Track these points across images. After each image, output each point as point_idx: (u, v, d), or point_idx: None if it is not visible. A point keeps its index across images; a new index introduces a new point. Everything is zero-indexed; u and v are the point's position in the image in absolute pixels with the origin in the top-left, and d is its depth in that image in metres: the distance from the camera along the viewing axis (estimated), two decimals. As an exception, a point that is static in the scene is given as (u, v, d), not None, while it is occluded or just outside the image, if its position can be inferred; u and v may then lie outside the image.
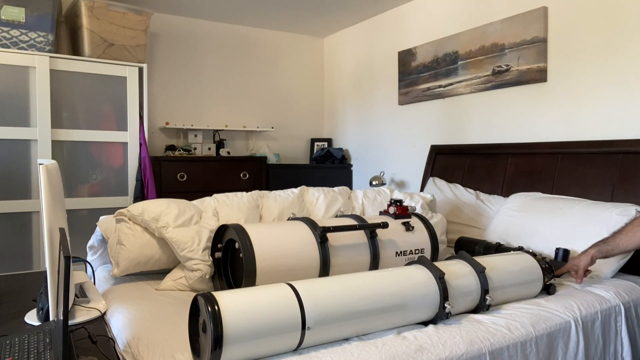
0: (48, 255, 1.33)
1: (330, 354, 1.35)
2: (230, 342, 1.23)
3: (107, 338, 1.44)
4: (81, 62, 3.34)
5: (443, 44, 3.54)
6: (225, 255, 1.94)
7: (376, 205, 2.55)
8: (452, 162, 3.37)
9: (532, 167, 2.82)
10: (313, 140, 4.90)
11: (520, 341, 1.58)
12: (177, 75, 4.29)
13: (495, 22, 3.13)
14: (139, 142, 3.55)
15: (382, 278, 1.54)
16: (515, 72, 3.00)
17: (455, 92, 3.44)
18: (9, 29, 3.07)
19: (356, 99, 4.57)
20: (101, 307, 1.70)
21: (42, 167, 1.33)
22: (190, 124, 4.25)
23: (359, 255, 1.96)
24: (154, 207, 2.02)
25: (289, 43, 4.85)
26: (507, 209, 2.59)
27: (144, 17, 3.54)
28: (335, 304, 1.40)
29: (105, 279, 2.14)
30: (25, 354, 1.14)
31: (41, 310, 1.51)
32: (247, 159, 4.20)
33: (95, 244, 2.33)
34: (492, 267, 1.76)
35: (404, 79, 3.91)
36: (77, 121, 3.35)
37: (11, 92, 3.11)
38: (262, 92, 4.71)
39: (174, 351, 1.35)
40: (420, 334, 1.48)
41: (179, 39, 4.28)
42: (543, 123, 2.88)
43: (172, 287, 1.97)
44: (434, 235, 2.16)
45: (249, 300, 1.30)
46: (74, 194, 3.35)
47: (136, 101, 3.54)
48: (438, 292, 1.57)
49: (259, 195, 2.38)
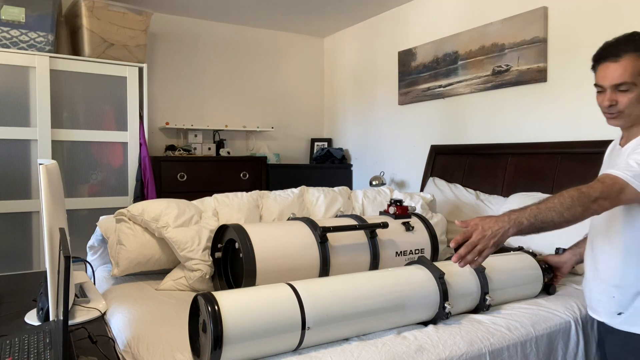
0: (48, 255, 1.33)
1: (330, 354, 1.35)
2: (230, 342, 1.23)
3: (107, 338, 1.44)
4: (81, 62, 3.34)
5: (443, 44, 3.54)
6: (225, 255, 1.94)
7: (376, 205, 2.55)
8: (452, 162, 3.37)
9: (532, 167, 2.82)
10: (313, 140, 4.90)
11: (520, 341, 1.58)
12: (177, 75, 4.29)
13: (495, 22, 3.13)
14: (139, 142, 3.55)
15: (382, 278, 1.54)
16: (515, 72, 3.00)
17: (455, 92, 3.44)
18: (9, 29, 3.07)
19: (356, 99, 4.57)
20: (101, 307, 1.70)
21: (42, 167, 1.33)
22: (190, 124, 4.25)
23: (359, 255, 1.96)
24: (154, 207, 2.02)
25: (289, 43, 4.85)
26: (507, 209, 2.59)
27: (144, 17, 3.54)
28: (335, 304, 1.40)
29: (105, 279, 2.14)
30: (25, 354, 1.14)
31: (41, 310, 1.51)
32: (247, 159, 4.20)
33: (95, 244, 2.33)
34: (492, 267, 1.77)
35: (404, 79, 3.91)
36: (77, 121, 3.35)
37: (11, 92, 3.11)
38: (262, 92, 4.71)
39: (174, 351, 1.35)
40: (420, 334, 1.48)
41: (179, 39, 4.28)
42: (543, 123, 2.88)
43: (172, 287, 1.97)
44: (434, 235, 2.16)
45: (249, 300, 1.30)
46: (74, 194, 3.35)
47: (136, 101, 3.54)
48: (438, 292, 1.57)
49: (259, 195, 2.38)
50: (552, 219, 1.26)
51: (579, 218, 1.27)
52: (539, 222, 1.26)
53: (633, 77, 1.35)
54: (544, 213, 1.26)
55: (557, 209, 1.26)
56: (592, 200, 1.26)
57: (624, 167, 1.30)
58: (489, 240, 1.25)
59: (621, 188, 1.26)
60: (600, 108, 1.45)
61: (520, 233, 1.27)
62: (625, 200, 1.28)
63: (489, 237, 1.25)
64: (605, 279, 1.42)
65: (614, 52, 1.37)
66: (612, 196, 1.26)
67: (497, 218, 1.28)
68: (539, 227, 1.27)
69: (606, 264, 1.42)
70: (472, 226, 1.28)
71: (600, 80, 1.41)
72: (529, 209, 1.29)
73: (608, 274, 1.42)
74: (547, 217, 1.26)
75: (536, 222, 1.26)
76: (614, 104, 1.39)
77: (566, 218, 1.26)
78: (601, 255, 1.45)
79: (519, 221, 1.26)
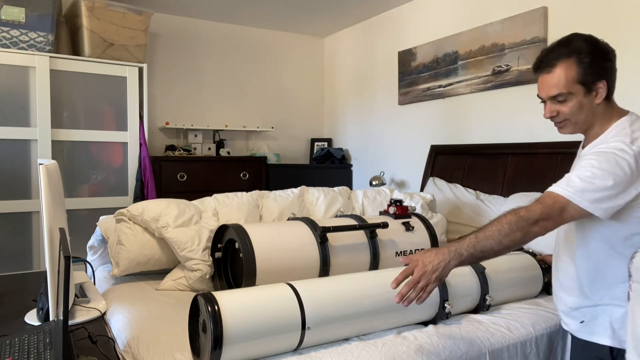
0: (48, 255, 1.33)
1: (330, 354, 1.35)
2: (230, 342, 1.23)
3: (107, 338, 1.44)
4: (81, 62, 3.34)
5: (443, 44, 3.54)
6: (225, 255, 1.94)
7: (376, 205, 2.55)
8: (452, 162, 3.37)
9: (532, 167, 2.82)
10: (313, 140, 4.90)
11: (520, 341, 1.58)
12: (177, 75, 4.29)
13: (495, 22, 3.13)
14: (139, 142, 3.55)
15: (382, 278, 1.54)
16: (515, 72, 3.00)
17: (455, 92, 3.44)
18: (9, 29, 3.07)
19: (356, 99, 4.57)
20: (101, 307, 1.70)
21: (42, 167, 1.33)
22: (190, 124, 4.25)
23: (359, 255, 1.96)
24: (154, 207, 2.02)
25: (289, 43, 4.85)
26: (507, 208, 2.58)
27: (144, 17, 3.53)
28: (335, 304, 1.40)
29: (105, 279, 2.14)
30: (25, 354, 1.14)
31: (41, 310, 1.51)
32: (247, 159, 4.20)
33: (95, 244, 2.33)
34: (492, 267, 1.77)
35: (404, 79, 3.91)
36: (77, 121, 3.35)
37: (11, 92, 3.11)
38: (262, 92, 4.71)
39: (174, 351, 1.35)
40: (420, 334, 1.49)
41: (179, 39, 4.28)
42: (543, 123, 2.88)
43: (172, 287, 1.97)
44: (434, 235, 2.16)
45: (249, 300, 1.30)
46: (74, 194, 3.35)
47: (136, 101, 3.54)
48: (438, 292, 1.57)
49: (259, 195, 2.38)
50: (492, 247, 1.22)
51: (520, 242, 1.23)
52: (478, 251, 1.23)
53: (568, 86, 1.30)
54: (482, 242, 1.23)
55: (495, 237, 1.22)
56: (532, 223, 1.21)
57: (566, 182, 1.25)
58: (430, 275, 1.22)
59: (562, 207, 1.22)
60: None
61: (462, 264, 1.25)
62: (569, 218, 1.24)
63: (430, 272, 1.22)
64: (567, 289, 1.40)
65: (547, 63, 1.33)
66: (554, 216, 1.22)
67: (437, 251, 1.25)
68: (479, 256, 1.25)
69: (567, 274, 1.40)
70: (413, 262, 1.25)
71: (539, 92, 1.38)
72: (468, 238, 1.26)
73: (568, 284, 1.39)
74: (486, 245, 1.22)
75: (476, 252, 1.23)
76: (555, 115, 1.36)
77: (506, 245, 1.22)
78: (562, 266, 1.42)
79: (459, 252, 1.23)
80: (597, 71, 1.30)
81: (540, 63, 1.36)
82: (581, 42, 1.31)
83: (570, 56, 1.30)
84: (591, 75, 1.30)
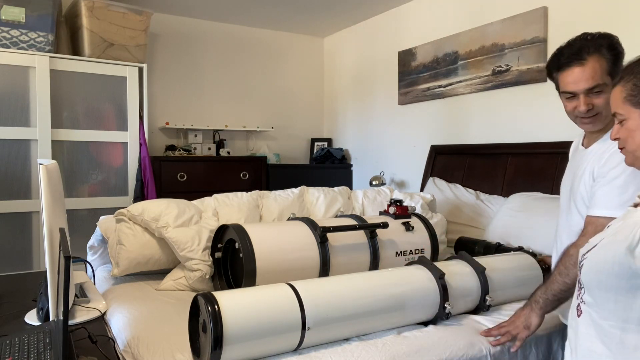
0: (48, 255, 1.33)
1: (330, 354, 1.35)
2: (230, 342, 1.23)
3: (107, 338, 1.44)
4: (81, 62, 3.34)
5: (443, 44, 3.54)
6: (225, 255, 1.94)
7: (376, 205, 2.55)
8: (452, 162, 3.37)
9: (532, 167, 2.82)
10: (313, 140, 4.89)
11: (520, 341, 1.57)
12: (177, 75, 4.29)
13: (495, 22, 3.13)
14: (139, 142, 3.55)
15: (382, 278, 1.54)
16: (515, 72, 3.00)
17: (455, 92, 3.44)
18: (9, 29, 3.07)
19: (356, 98, 4.57)
20: (101, 307, 1.70)
21: (42, 167, 1.33)
22: (190, 124, 4.25)
23: (359, 255, 1.96)
24: (154, 207, 2.02)
25: (289, 43, 4.85)
26: (507, 209, 2.59)
27: (144, 17, 3.53)
28: (335, 304, 1.40)
29: (105, 279, 2.14)
30: (25, 354, 1.14)
31: (41, 310, 1.51)
32: (247, 159, 4.19)
33: (95, 244, 2.33)
34: (492, 268, 1.76)
35: (404, 79, 3.91)
36: (77, 121, 3.35)
37: (11, 92, 3.11)
38: (262, 92, 4.71)
39: (174, 351, 1.35)
40: (421, 334, 1.48)
41: (179, 39, 4.28)
42: (543, 123, 2.88)
43: (172, 287, 1.97)
44: (434, 235, 2.16)
45: (249, 300, 1.30)
46: (74, 194, 3.35)
47: (136, 101, 3.54)
48: (438, 292, 1.57)
49: (259, 195, 2.38)
50: (560, 289, 1.35)
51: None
52: (550, 295, 1.38)
53: (603, 77, 1.33)
54: (550, 287, 1.38)
55: (559, 280, 1.36)
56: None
57: (603, 204, 1.31)
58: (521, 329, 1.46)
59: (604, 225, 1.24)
60: (569, 115, 1.43)
61: (542, 310, 1.42)
62: None
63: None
64: None
65: (577, 56, 1.35)
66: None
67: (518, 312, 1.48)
68: (552, 299, 1.39)
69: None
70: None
71: (569, 86, 1.38)
72: (539, 288, 1.43)
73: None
74: (554, 288, 1.37)
75: (548, 296, 1.39)
76: (592, 108, 1.36)
77: (569, 284, 1.33)
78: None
79: (535, 300, 1.43)
80: (620, 64, 1.35)
81: (566, 58, 1.38)
82: (600, 39, 1.37)
83: (599, 49, 1.34)
84: (617, 67, 1.34)
